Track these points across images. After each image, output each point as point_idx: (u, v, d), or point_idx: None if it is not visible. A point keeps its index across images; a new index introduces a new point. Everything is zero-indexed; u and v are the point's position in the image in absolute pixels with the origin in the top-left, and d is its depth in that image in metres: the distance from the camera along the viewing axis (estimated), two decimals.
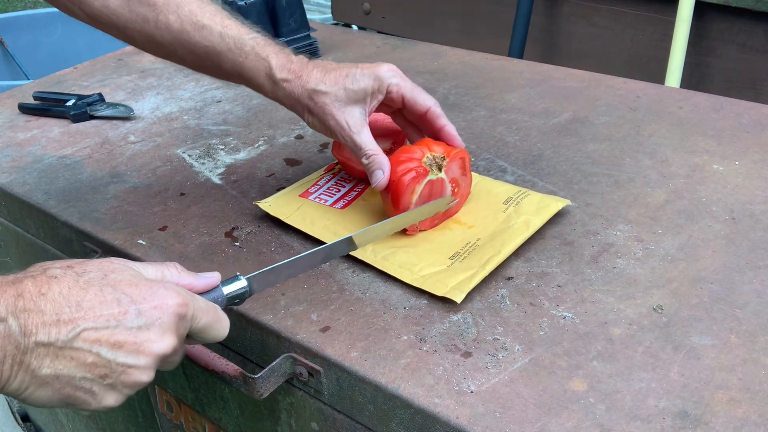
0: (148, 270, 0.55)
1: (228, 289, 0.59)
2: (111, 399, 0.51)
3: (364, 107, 0.73)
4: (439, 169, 0.73)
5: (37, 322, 0.47)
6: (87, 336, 0.48)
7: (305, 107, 0.74)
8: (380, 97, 0.73)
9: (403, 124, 0.79)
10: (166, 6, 0.73)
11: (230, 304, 0.60)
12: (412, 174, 0.71)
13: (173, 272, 0.57)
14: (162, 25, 0.73)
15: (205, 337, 0.56)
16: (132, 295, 0.51)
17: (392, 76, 0.73)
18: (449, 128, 0.76)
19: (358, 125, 0.73)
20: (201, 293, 0.57)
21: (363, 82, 0.72)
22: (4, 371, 0.46)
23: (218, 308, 0.57)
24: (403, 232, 0.74)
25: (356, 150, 0.73)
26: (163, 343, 0.51)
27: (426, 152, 0.73)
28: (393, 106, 0.76)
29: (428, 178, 0.72)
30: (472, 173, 0.85)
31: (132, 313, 0.50)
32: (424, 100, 0.74)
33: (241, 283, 0.60)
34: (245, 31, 0.74)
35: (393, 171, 0.72)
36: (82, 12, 0.74)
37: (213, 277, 0.59)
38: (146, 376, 0.51)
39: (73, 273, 0.50)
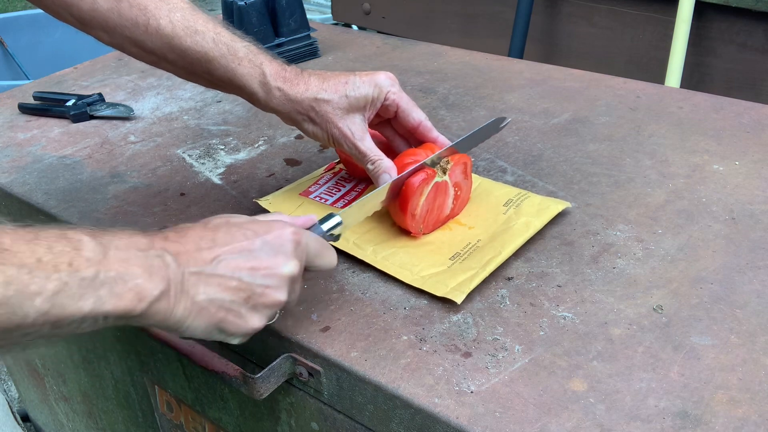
0: (259, 217, 0.62)
1: (326, 225, 0.65)
2: (256, 319, 0.57)
3: (363, 114, 0.74)
4: (444, 173, 0.73)
5: (185, 256, 0.54)
6: (227, 264, 0.55)
7: (305, 116, 0.74)
8: (378, 105, 0.74)
9: (392, 135, 0.78)
10: (158, 10, 0.72)
11: (330, 239, 0.66)
12: (422, 176, 0.71)
13: (279, 215, 0.64)
14: (153, 29, 0.72)
15: (319, 265, 0.62)
16: (255, 229, 0.58)
17: (390, 85, 0.73)
18: (443, 139, 0.76)
19: (360, 132, 0.73)
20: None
21: (363, 90, 0.72)
22: (171, 298, 0.52)
23: (323, 240, 0.63)
24: (406, 233, 0.74)
25: (361, 157, 0.74)
26: (290, 265, 0.58)
27: (430, 155, 0.73)
28: (385, 116, 0.76)
29: (435, 181, 0.73)
30: (473, 175, 0.85)
31: (259, 242, 0.57)
32: (417, 113, 0.75)
33: (335, 219, 0.66)
34: (237, 39, 0.74)
35: (399, 173, 0.72)
36: (71, 16, 0.74)
37: (310, 217, 0.66)
38: (282, 295, 0.57)
39: (201, 223, 0.59)
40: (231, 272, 0.56)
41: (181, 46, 0.73)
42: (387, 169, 0.73)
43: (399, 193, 0.72)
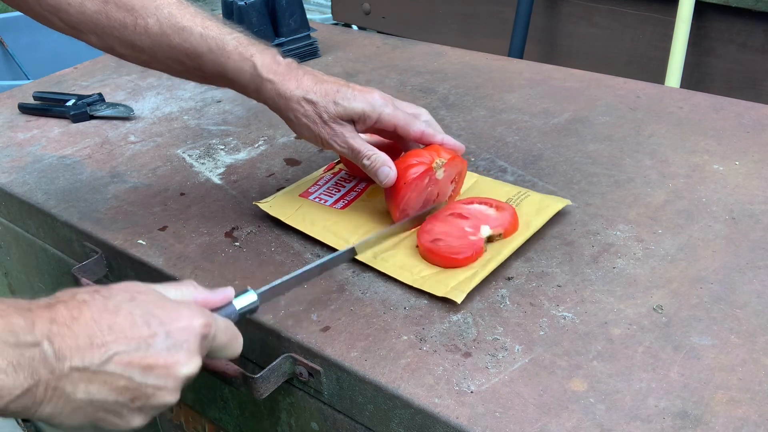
0: (170, 291, 0.56)
1: (240, 303, 0.60)
2: (138, 420, 0.52)
3: (352, 124, 0.73)
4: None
5: (71, 347, 0.48)
6: (120, 359, 0.49)
7: (293, 111, 0.73)
8: (370, 123, 0.73)
9: (399, 141, 0.78)
10: (145, 9, 0.72)
11: (241, 318, 0.61)
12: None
13: (191, 290, 0.57)
14: (141, 29, 0.72)
15: (222, 355, 0.57)
16: (160, 316, 0.52)
17: (384, 105, 0.73)
18: (448, 140, 0.76)
19: (349, 132, 0.73)
20: (215, 309, 0.59)
21: (354, 103, 0.72)
22: (38, 396, 0.47)
23: (233, 326, 0.58)
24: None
25: (355, 154, 0.73)
26: (191, 364, 0.52)
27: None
28: (384, 131, 0.75)
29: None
30: (475, 174, 0.85)
31: (161, 334, 0.51)
32: (416, 125, 0.74)
33: (251, 297, 0.61)
34: (227, 31, 0.73)
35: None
36: (60, 20, 0.73)
37: (227, 292, 0.60)
38: (172, 397, 0.52)
39: (101, 297, 0.51)
40: (121, 370, 0.49)
41: (170, 44, 0.72)
42: (384, 162, 0.72)
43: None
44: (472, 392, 0.57)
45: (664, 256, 0.70)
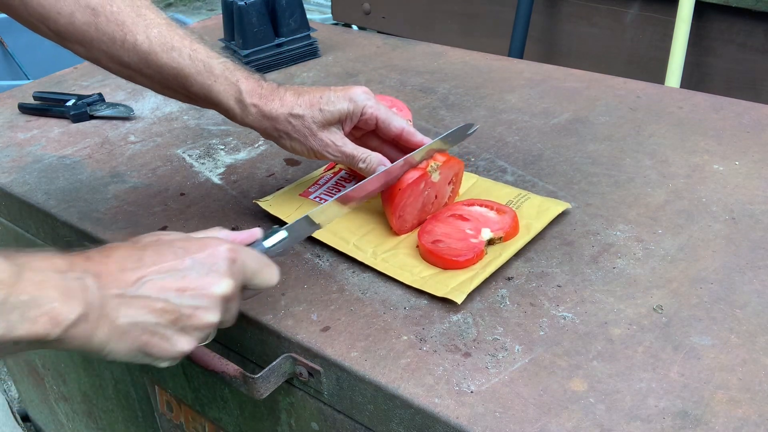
0: (197, 234, 0.60)
1: (269, 242, 0.63)
2: (184, 342, 0.55)
3: (340, 128, 0.74)
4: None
5: (108, 277, 0.52)
6: (153, 285, 0.53)
7: (282, 132, 0.74)
8: (356, 120, 0.74)
9: (378, 145, 0.78)
10: (135, 26, 0.72)
11: (274, 254, 0.63)
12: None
13: (216, 231, 0.62)
14: (130, 45, 0.72)
15: (258, 283, 0.60)
16: (186, 247, 0.56)
17: (367, 99, 0.73)
18: (428, 141, 0.76)
19: (340, 139, 0.73)
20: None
21: (338, 104, 0.72)
22: (90, 321, 0.50)
23: (264, 256, 0.61)
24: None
25: (350, 160, 0.74)
26: (222, 284, 0.55)
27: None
28: (366, 128, 0.76)
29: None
30: (474, 174, 0.85)
31: (189, 262, 0.55)
32: (397, 121, 0.75)
33: (280, 234, 0.64)
34: (214, 55, 0.74)
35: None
36: (48, 29, 0.73)
37: (253, 231, 0.64)
38: (213, 317, 0.55)
39: (130, 242, 0.57)
40: (157, 293, 0.53)
41: (158, 62, 0.73)
42: (380, 162, 0.73)
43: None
44: (472, 392, 0.57)
45: (664, 256, 0.70)
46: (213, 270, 0.55)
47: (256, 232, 0.64)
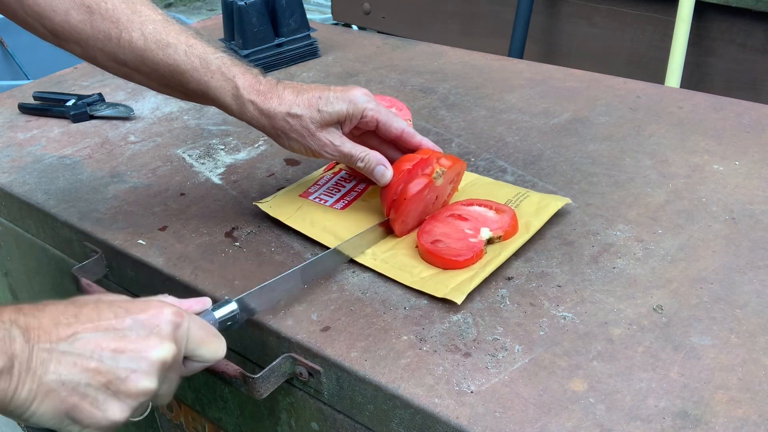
0: (140, 298, 0.56)
1: (219, 312, 0.60)
2: (116, 410, 0.50)
3: (339, 128, 0.74)
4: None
5: (38, 330, 0.48)
6: (87, 342, 0.49)
7: (279, 129, 0.73)
8: (355, 122, 0.73)
9: (378, 144, 0.78)
10: (130, 23, 0.72)
11: (224, 328, 0.60)
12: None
13: (163, 297, 0.58)
14: (125, 42, 0.72)
15: (203, 354, 0.56)
16: (128, 307, 0.52)
17: (367, 101, 0.73)
18: (427, 143, 0.76)
19: (338, 139, 0.73)
20: None
21: (337, 106, 0.72)
22: (13, 376, 0.47)
23: (211, 326, 0.57)
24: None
25: (348, 159, 0.74)
26: (163, 349, 0.51)
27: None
28: (366, 128, 0.76)
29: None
30: (473, 173, 0.85)
31: (129, 321, 0.51)
32: (397, 122, 0.75)
33: (231, 306, 0.61)
34: (211, 51, 0.73)
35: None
36: (44, 28, 0.73)
37: (201, 300, 0.60)
38: (149, 383, 0.51)
39: (68, 300, 0.52)
40: (90, 351, 0.49)
41: (154, 59, 0.72)
42: (379, 161, 0.73)
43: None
44: (472, 392, 0.57)
45: (664, 256, 0.70)
46: (154, 332, 0.51)
47: (206, 301, 0.61)
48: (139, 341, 0.50)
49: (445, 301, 0.66)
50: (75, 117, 1.09)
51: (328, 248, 0.75)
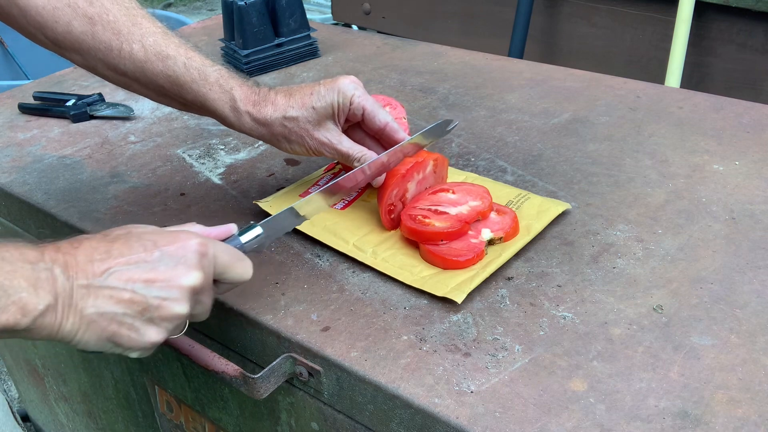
0: (168, 228, 0.61)
1: (245, 237, 0.64)
2: (153, 333, 0.56)
3: (334, 121, 0.74)
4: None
5: (75, 268, 0.53)
6: (120, 276, 0.54)
7: (279, 135, 0.75)
8: (347, 110, 0.74)
9: (362, 138, 0.78)
10: (131, 35, 0.73)
11: (252, 251, 0.64)
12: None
13: (190, 226, 0.63)
14: (126, 53, 0.73)
15: (231, 278, 0.60)
16: (156, 240, 0.57)
17: (354, 88, 0.74)
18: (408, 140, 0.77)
19: (336, 137, 0.74)
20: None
21: (329, 98, 0.73)
22: (58, 312, 0.52)
23: (237, 250, 0.62)
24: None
25: (345, 158, 0.75)
26: (191, 276, 0.56)
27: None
28: (353, 120, 0.76)
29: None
30: (473, 174, 0.85)
31: (158, 254, 0.56)
32: (382, 115, 0.75)
33: (255, 231, 0.65)
34: (209, 63, 0.75)
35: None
36: (45, 37, 0.74)
37: (228, 227, 0.65)
38: (181, 308, 0.56)
39: (100, 234, 0.58)
40: (123, 284, 0.54)
41: (153, 71, 0.73)
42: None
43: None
44: (472, 392, 0.57)
45: (664, 256, 0.70)
46: (182, 262, 0.56)
47: (232, 227, 0.65)
48: (168, 271, 0.55)
49: (445, 301, 0.66)
50: (75, 117, 1.09)
51: (328, 246, 0.75)
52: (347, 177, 0.72)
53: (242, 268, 0.61)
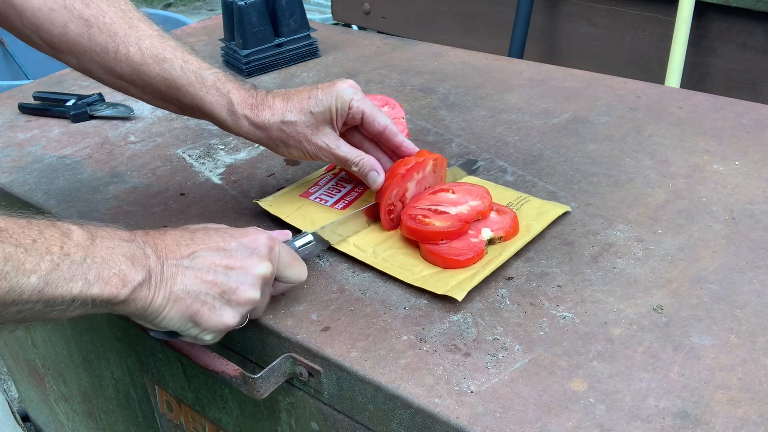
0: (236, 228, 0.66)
1: (299, 242, 0.70)
2: (229, 316, 0.60)
3: (332, 125, 0.74)
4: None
5: (164, 250, 0.58)
6: (204, 259, 0.59)
7: (276, 139, 0.74)
8: (345, 115, 0.74)
9: (360, 141, 0.78)
10: (127, 37, 0.73)
11: (303, 256, 0.69)
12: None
13: (254, 228, 0.66)
14: (122, 56, 0.73)
15: (289, 276, 0.65)
16: (231, 233, 0.62)
17: (353, 93, 0.73)
18: (408, 144, 0.77)
19: (334, 141, 0.74)
20: None
21: (326, 102, 0.73)
22: (152, 286, 0.56)
23: (295, 253, 0.67)
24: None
25: (343, 162, 0.75)
26: (263, 266, 0.61)
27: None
28: (351, 123, 0.76)
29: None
30: (473, 177, 0.85)
31: (234, 244, 0.61)
32: (382, 118, 0.75)
33: (307, 237, 0.71)
34: (206, 66, 0.74)
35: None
36: (41, 40, 0.73)
37: (284, 232, 0.71)
38: (255, 293, 0.60)
39: (180, 228, 0.63)
40: (207, 267, 0.59)
41: (150, 74, 0.73)
42: (372, 166, 0.74)
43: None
44: (472, 392, 0.57)
45: (664, 256, 0.70)
46: (255, 253, 0.61)
47: (288, 233, 0.70)
48: (244, 260, 0.60)
49: (445, 301, 0.66)
50: (75, 117, 1.09)
51: (328, 246, 0.75)
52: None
53: (300, 268, 0.66)
